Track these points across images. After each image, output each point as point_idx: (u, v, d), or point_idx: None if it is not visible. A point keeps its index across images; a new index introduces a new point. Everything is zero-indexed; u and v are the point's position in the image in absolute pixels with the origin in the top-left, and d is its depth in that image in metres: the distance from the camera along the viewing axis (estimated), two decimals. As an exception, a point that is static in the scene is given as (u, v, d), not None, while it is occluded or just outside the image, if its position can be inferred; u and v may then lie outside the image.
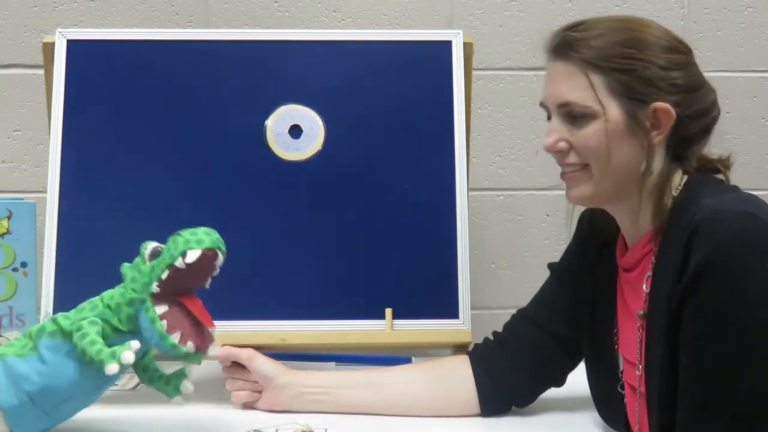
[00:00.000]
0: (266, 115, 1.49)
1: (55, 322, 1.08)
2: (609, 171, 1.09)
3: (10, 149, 1.78)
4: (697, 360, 0.99)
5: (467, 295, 1.45)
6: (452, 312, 1.44)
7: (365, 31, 1.73)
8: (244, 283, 1.42)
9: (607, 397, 1.21)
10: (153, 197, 1.46)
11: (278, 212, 1.47)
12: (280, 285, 1.44)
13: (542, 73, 1.17)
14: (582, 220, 1.30)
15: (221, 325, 1.40)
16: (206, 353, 1.10)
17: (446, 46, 1.53)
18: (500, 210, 1.84)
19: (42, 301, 1.41)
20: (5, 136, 1.78)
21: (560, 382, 1.31)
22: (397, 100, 1.52)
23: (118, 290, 1.09)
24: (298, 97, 1.50)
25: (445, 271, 1.45)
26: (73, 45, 1.50)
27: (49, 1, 1.77)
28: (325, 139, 1.49)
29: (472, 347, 1.34)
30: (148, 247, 1.08)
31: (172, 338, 1.05)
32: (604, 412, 1.23)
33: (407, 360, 1.48)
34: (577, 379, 1.29)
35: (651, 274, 1.09)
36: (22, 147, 1.78)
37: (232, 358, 1.30)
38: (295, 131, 1.49)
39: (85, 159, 1.47)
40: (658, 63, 1.07)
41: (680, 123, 1.08)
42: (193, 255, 1.04)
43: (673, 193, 1.09)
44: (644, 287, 1.10)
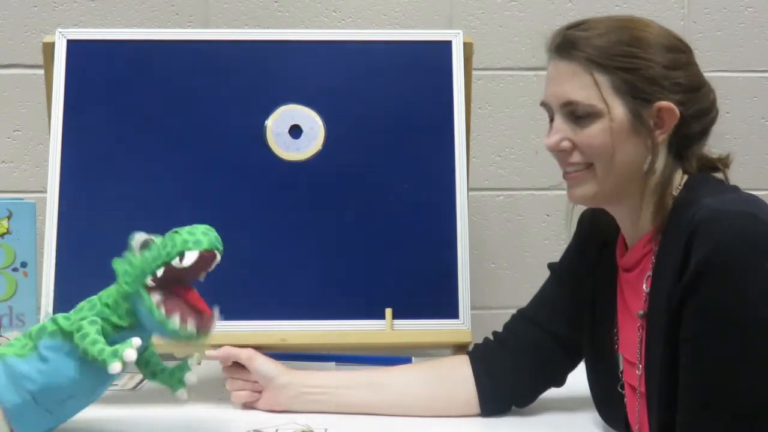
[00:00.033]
0: (266, 115, 1.49)
1: (54, 322, 1.08)
2: (613, 170, 1.09)
3: (10, 149, 1.78)
4: (697, 360, 0.99)
5: (467, 295, 1.45)
6: (452, 312, 1.44)
7: (365, 31, 1.73)
8: (244, 283, 1.42)
9: (607, 397, 1.21)
10: (153, 197, 1.46)
11: (278, 212, 1.47)
12: (280, 285, 1.44)
13: (542, 73, 1.17)
14: (582, 220, 1.30)
15: (221, 325, 1.41)
16: (209, 333, 1.09)
17: (446, 46, 1.53)
18: (500, 210, 1.84)
19: (42, 301, 1.41)
20: (5, 136, 1.78)
21: (560, 382, 1.31)
22: (397, 100, 1.52)
23: (114, 287, 1.09)
24: (298, 97, 1.50)
25: (445, 271, 1.45)
26: (73, 45, 1.50)
27: (49, 1, 1.77)
28: (325, 139, 1.49)
29: (472, 347, 1.34)
30: (137, 238, 1.07)
31: (172, 322, 1.05)
32: (604, 412, 1.23)
33: (407, 360, 1.48)
34: (577, 379, 1.29)
35: (651, 273, 1.09)
36: (22, 147, 1.78)
37: (232, 358, 1.30)
38: (295, 131, 1.49)
39: (85, 159, 1.47)
40: (661, 62, 1.07)
41: (683, 122, 1.08)
42: (190, 257, 1.04)
43: (674, 193, 1.09)
44: (644, 287, 1.10)
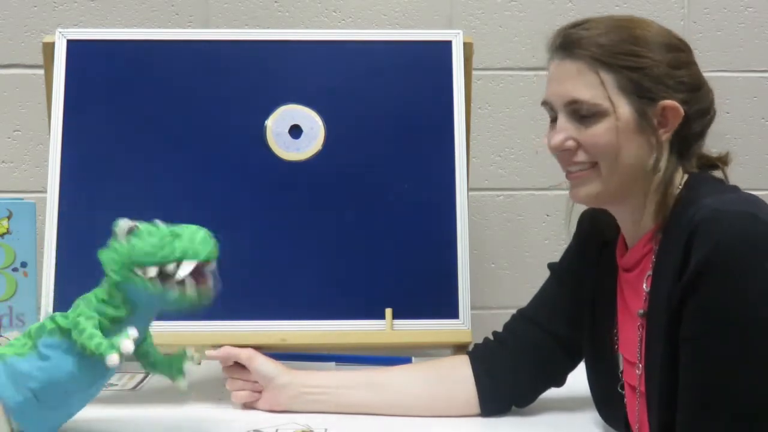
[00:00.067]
0: (266, 115, 1.49)
1: (53, 320, 1.08)
2: (618, 169, 1.08)
3: (10, 149, 1.78)
4: (697, 359, 0.99)
5: (467, 295, 1.45)
6: (452, 312, 1.44)
7: (365, 31, 1.73)
8: (244, 283, 1.42)
9: (607, 397, 1.21)
10: (153, 197, 1.46)
11: (278, 212, 1.47)
12: (280, 285, 1.44)
13: (542, 73, 1.17)
14: (582, 221, 1.30)
15: (221, 325, 1.41)
16: (211, 294, 1.07)
17: (446, 46, 1.53)
18: (500, 210, 1.84)
19: (42, 301, 1.41)
20: (5, 136, 1.78)
21: (560, 382, 1.31)
22: (397, 100, 1.52)
23: (104, 281, 1.09)
24: (298, 97, 1.50)
25: (445, 271, 1.45)
26: (73, 45, 1.50)
27: (49, 1, 1.77)
28: (325, 139, 1.49)
29: (472, 347, 1.34)
30: (122, 225, 1.06)
31: (171, 291, 1.03)
32: (604, 412, 1.23)
33: (407, 360, 1.48)
34: (577, 379, 1.29)
35: (651, 273, 1.09)
36: (22, 147, 1.78)
37: (232, 358, 1.30)
38: (295, 131, 1.49)
39: (85, 159, 1.47)
40: (665, 61, 1.07)
41: (686, 121, 1.08)
42: (186, 268, 1.03)
43: (674, 192, 1.09)
44: (644, 286, 1.10)
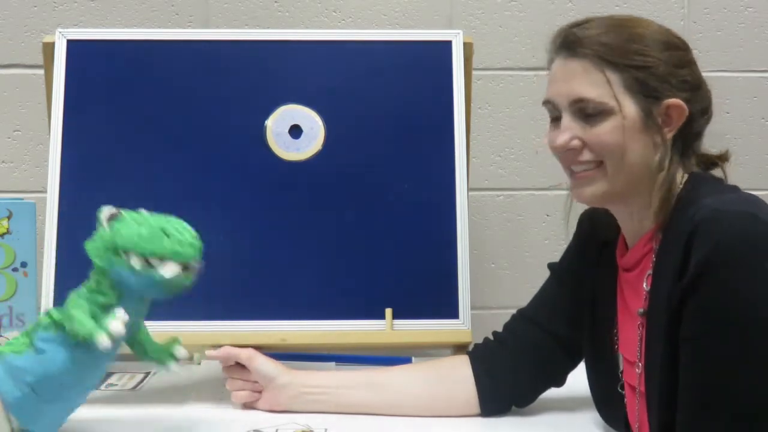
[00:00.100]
0: (266, 115, 1.49)
1: (48, 315, 1.09)
2: (623, 168, 1.08)
3: (10, 149, 1.78)
4: (697, 359, 0.99)
5: (467, 295, 1.44)
6: (452, 312, 1.44)
7: (365, 31, 1.73)
8: (244, 283, 1.42)
9: (607, 397, 1.21)
10: (153, 197, 1.45)
11: (278, 212, 1.46)
12: (280, 285, 1.44)
13: (543, 73, 1.16)
14: (582, 221, 1.30)
15: (221, 325, 1.41)
16: (196, 273, 1.07)
17: (446, 46, 1.53)
18: (500, 210, 1.84)
19: (42, 301, 1.41)
20: (5, 136, 1.78)
21: (560, 382, 1.31)
22: (397, 100, 1.52)
23: (92, 272, 1.09)
24: (298, 97, 1.50)
25: (445, 271, 1.45)
26: (73, 45, 1.50)
27: (49, 1, 1.77)
28: (325, 139, 1.49)
29: (472, 347, 1.34)
30: (105, 211, 1.08)
31: (156, 271, 1.04)
32: (604, 412, 1.23)
33: (407, 360, 1.48)
34: (577, 379, 1.29)
35: (651, 272, 1.09)
36: (22, 147, 1.78)
37: (233, 358, 1.30)
38: (295, 131, 1.49)
39: (85, 159, 1.47)
40: (668, 60, 1.07)
41: (689, 119, 1.08)
42: (171, 270, 1.04)
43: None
44: (644, 285, 1.10)
